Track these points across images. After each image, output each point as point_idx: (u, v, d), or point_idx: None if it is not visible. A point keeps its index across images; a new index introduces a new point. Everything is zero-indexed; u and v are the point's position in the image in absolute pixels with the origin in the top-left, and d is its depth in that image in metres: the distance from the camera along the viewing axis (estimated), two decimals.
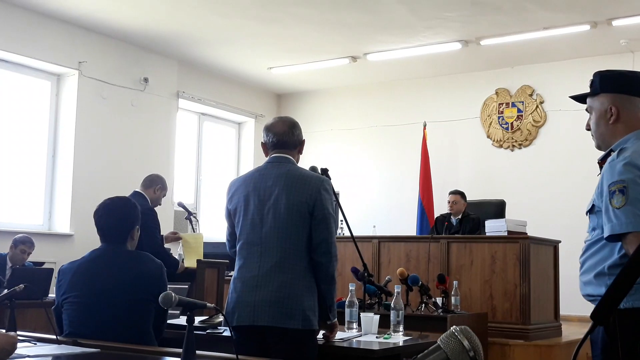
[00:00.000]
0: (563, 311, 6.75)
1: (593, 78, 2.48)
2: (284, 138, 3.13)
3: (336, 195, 4.22)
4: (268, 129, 3.16)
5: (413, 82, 10.06)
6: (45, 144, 8.08)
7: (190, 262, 6.14)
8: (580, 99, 2.56)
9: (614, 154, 2.33)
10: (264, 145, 3.19)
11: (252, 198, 3.05)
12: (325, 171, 3.84)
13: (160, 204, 6.22)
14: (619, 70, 2.48)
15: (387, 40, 8.46)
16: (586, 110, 2.52)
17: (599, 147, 2.50)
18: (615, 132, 2.40)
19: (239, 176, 3.29)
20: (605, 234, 2.24)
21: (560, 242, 6.73)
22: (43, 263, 6.39)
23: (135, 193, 5.92)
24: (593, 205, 2.37)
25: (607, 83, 2.43)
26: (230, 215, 3.16)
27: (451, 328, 1.26)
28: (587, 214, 2.41)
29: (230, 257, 3.24)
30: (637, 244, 2.08)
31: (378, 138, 10.24)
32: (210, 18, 7.81)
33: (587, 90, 2.55)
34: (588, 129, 2.52)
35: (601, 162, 2.44)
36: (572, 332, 6.66)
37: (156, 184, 6.12)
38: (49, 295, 5.32)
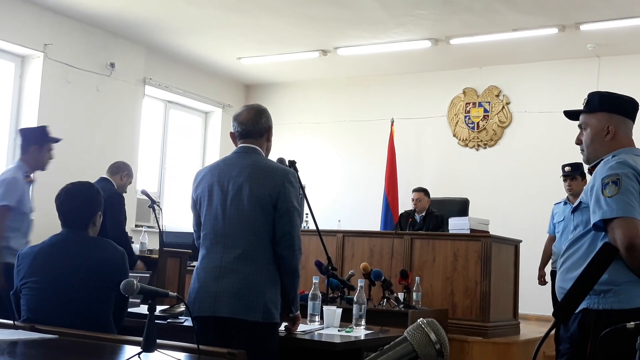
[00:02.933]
0: (521, 310, 6.86)
1: (590, 97, 2.63)
2: (247, 128, 3.11)
3: (302, 188, 4.22)
4: (234, 119, 3.16)
5: (382, 78, 10.10)
6: (7, 126, 7.93)
7: None
8: (572, 115, 2.69)
9: (607, 157, 2.49)
10: (232, 135, 3.18)
11: (215, 188, 3.03)
12: (292, 163, 3.84)
13: (125, 192, 6.20)
14: (617, 94, 2.66)
15: (358, 35, 8.47)
16: (579, 126, 2.65)
17: (588, 162, 2.64)
18: (609, 149, 2.56)
19: (206, 166, 3.27)
20: (594, 220, 2.35)
21: (521, 241, 6.82)
22: None
23: (102, 179, 5.91)
24: (580, 203, 2.50)
25: (607, 103, 2.60)
26: (196, 206, 3.14)
27: (418, 320, 1.27)
28: (571, 214, 2.52)
29: (194, 247, 3.22)
30: (622, 228, 2.22)
31: (346, 132, 10.26)
32: (181, 5, 7.73)
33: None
34: (578, 143, 2.67)
35: (591, 169, 2.59)
36: (530, 331, 6.77)
37: (123, 171, 6.13)
38: None
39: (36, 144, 4.76)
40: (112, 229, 5.39)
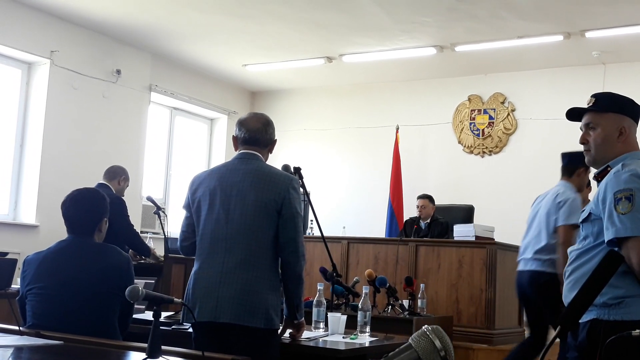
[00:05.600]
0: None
1: (599, 97, 2.57)
2: (256, 135, 3.10)
3: (307, 194, 4.22)
4: (241, 124, 3.14)
5: (387, 85, 10.10)
6: (14, 132, 7.95)
7: None
8: (574, 115, 2.63)
9: (617, 167, 2.43)
10: (234, 138, 3.17)
11: (218, 192, 3.01)
12: (297, 170, 3.85)
13: (123, 195, 6.22)
14: (625, 96, 2.60)
15: (363, 42, 8.48)
16: (583, 126, 2.59)
17: (594, 163, 2.57)
18: (617, 152, 2.50)
19: (204, 170, 3.25)
20: (608, 237, 2.32)
21: None
22: (7, 253, 6.26)
23: (101, 185, 5.91)
24: (590, 214, 2.45)
25: (619, 104, 2.55)
26: (191, 208, 3.11)
27: (423, 327, 1.27)
28: (580, 224, 2.48)
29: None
30: (637, 249, 2.19)
31: (351, 139, 10.26)
32: (186, 12, 7.75)
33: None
34: (583, 142, 2.59)
35: (598, 176, 2.52)
36: None
37: (120, 176, 6.14)
38: (12, 286, 5.24)
39: (584, 167, 4.74)
40: (125, 234, 5.47)
